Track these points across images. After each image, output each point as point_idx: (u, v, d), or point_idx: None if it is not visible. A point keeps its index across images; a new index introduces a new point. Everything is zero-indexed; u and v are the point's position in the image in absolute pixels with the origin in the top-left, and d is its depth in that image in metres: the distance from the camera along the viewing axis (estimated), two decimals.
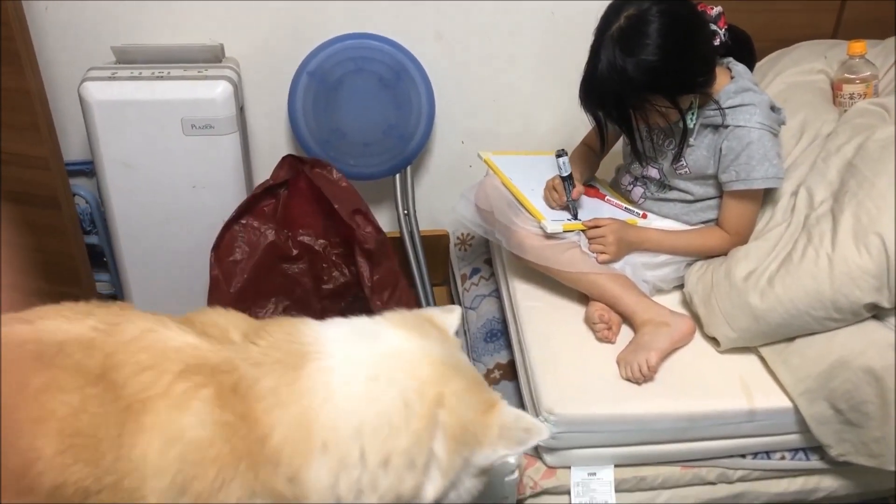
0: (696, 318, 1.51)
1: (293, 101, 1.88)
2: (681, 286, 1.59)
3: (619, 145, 1.71)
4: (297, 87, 1.87)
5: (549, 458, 1.42)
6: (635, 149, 1.53)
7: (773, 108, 1.49)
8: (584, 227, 1.54)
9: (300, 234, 1.87)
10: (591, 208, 1.60)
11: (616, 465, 1.42)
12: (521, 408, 1.35)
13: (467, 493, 1.04)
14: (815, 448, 1.45)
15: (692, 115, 1.49)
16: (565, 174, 1.55)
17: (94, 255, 2.01)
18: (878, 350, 1.33)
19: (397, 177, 2.03)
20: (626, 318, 1.51)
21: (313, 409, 0.94)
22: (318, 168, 1.84)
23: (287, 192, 1.85)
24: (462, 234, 2.06)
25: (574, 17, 1.91)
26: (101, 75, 1.73)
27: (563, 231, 1.52)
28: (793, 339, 1.41)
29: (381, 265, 1.82)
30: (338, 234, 1.86)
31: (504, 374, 1.64)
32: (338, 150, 1.94)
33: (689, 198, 1.57)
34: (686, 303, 1.55)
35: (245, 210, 1.82)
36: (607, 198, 1.67)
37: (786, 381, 1.40)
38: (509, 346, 1.65)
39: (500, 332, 1.73)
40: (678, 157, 1.53)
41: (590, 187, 1.68)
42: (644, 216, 1.61)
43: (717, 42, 1.46)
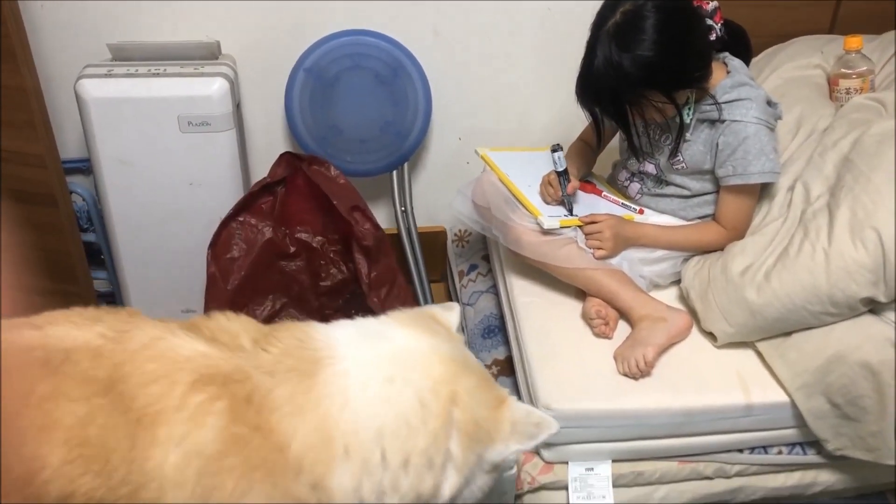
0: (693, 313, 1.51)
1: (290, 98, 1.88)
2: (678, 281, 1.58)
3: (616, 141, 1.71)
4: (293, 84, 1.87)
5: (546, 453, 1.42)
6: (632, 144, 1.52)
7: (769, 102, 1.49)
8: (581, 223, 1.54)
9: (297, 231, 1.87)
10: (587, 204, 1.60)
11: (613, 461, 1.42)
12: None
13: (479, 489, 1.05)
14: (812, 442, 1.45)
15: (689, 110, 1.49)
16: (560, 169, 1.56)
17: (92, 253, 2.01)
18: (875, 345, 1.33)
19: (394, 173, 2.03)
20: (623, 314, 1.52)
21: (332, 415, 0.94)
22: (316, 165, 1.84)
23: (284, 189, 1.85)
24: (459, 231, 2.06)
25: (571, 13, 1.91)
26: (98, 72, 1.72)
27: (560, 227, 1.52)
28: (790, 333, 1.41)
29: (378, 262, 1.82)
30: (335, 230, 1.86)
31: (502, 370, 1.64)
32: (335, 146, 1.94)
33: (686, 193, 1.57)
34: (683, 298, 1.55)
35: (242, 207, 1.82)
36: (604, 193, 1.67)
37: (783, 376, 1.40)
38: (507, 342, 1.65)
39: (498, 328, 1.73)
40: (675, 152, 1.52)
41: (586, 183, 1.68)
42: (641, 212, 1.61)
43: (713, 37, 1.46)
